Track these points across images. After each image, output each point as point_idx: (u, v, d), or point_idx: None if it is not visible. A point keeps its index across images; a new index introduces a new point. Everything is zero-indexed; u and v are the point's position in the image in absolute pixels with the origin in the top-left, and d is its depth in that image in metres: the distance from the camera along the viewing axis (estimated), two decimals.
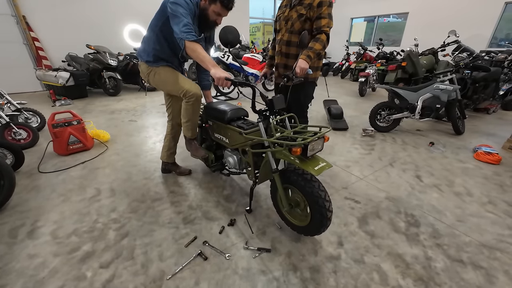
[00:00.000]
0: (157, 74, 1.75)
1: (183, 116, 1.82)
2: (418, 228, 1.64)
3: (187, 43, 1.40)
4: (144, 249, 1.46)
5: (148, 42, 1.70)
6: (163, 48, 1.68)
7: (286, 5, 1.85)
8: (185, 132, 1.89)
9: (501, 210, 1.82)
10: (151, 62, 1.72)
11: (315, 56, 1.67)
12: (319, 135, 1.27)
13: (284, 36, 1.84)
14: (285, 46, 1.86)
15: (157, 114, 4.15)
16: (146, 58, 1.72)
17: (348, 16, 9.66)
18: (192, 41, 1.40)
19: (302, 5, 1.72)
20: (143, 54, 1.74)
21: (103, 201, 1.90)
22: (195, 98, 1.70)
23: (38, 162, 2.47)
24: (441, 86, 3.06)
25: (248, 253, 1.43)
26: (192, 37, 1.40)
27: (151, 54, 1.70)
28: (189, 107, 1.75)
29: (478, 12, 6.40)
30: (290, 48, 1.85)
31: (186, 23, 1.42)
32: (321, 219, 1.32)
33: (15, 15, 5.20)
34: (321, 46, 1.67)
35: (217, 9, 1.56)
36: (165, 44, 1.67)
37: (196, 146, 1.93)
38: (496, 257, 1.42)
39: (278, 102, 1.45)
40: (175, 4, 1.43)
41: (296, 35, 1.79)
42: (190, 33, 1.40)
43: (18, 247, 1.46)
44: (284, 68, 1.94)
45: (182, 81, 1.72)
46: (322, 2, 1.66)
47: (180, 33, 1.41)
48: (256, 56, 5.43)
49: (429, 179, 2.24)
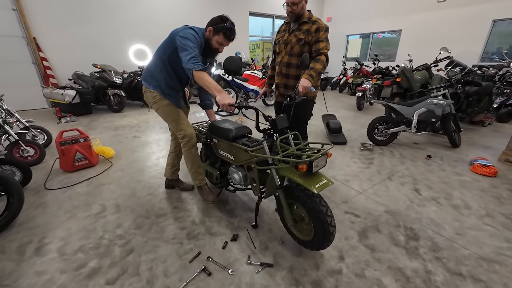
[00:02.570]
0: (160, 109, 1.89)
1: (186, 164, 2.01)
2: (418, 242, 1.67)
3: (195, 73, 1.52)
4: (149, 265, 1.49)
5: (155, 69, 1.81)
6: (169, 74, 1.80)
7: (285, 30, 2.00)
8: (194, 180, 2.04)
9: (499, 223, 1.85)
10: (157, 95, 1.83)
11: (317, 75, 1.78)
12: (323, 152, 1.35)
13: (284, 58, 1.97)
14: (285, 68, 1.99)
15: (160, 130, 4.25)
16: (153, 88, 1.83)
17: (344, 33, 10.05)
18: (199, 70, 1.52)
19: (300, 31, 1.86)
20: (151, 80, 1.84)
21: (108, 217, 1.94)
22: (190, 143, 1.89)
23: (45, 179, 2.53)
24: (435, 100, 3.18)
25: (251, 268, 1.46)
26: (199, 67, 1.52)
27: (158, 83, 1.81)
28: (188, 153, 1.92)
29: (468, 29, 6.68)
30: (289, 69, 1.97)
31: (194, 56, 1.54)
32: (323, 233, 1.37)
33: (26, 37, 5.46)
34: (321, 66, 1.79)
35: (220, 40, 1.70)
36: (171, 71, 1.80)
37: (207, 191, 2.03)
38: (495, 270, 1.44)
39: (281, 121, 1.53)
40: (184, 38, 1.57)
41: (296, 57, 1.92)
42: (197, 63, 1.53)
43: (26, 264, 1.50)
44: (285, 87, 2.05)
45: (180, 124, 1.89)
46: (320, 28, 1.80)
47: (188, 63, 1.53)
48: (256, 73, 5.62)
49: (427, 192, 2.29)
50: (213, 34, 1.69)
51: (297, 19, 1.88)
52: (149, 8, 6.74)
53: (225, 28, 1.66)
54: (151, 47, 7.03)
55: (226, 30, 1.66)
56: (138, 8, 6.60)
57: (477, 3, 6.45)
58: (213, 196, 2.01)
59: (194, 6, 7.42)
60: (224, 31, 1.67)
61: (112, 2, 6.24)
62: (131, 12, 6.54)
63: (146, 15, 6.73)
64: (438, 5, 7.14)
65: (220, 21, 1.67)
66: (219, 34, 1.68)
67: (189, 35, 1.58)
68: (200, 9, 7.51)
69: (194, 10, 7.43)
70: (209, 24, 1.71)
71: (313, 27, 1.81)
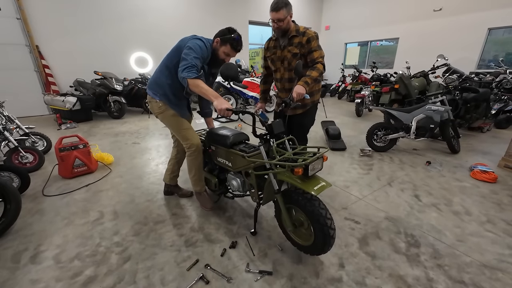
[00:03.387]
0: (166, 119, 1.91)
1: (189, 171, 2.01)
2: (419, 249, 1.65)
3: (189, 81, 1.53)
4: (146, 273, 1.46)
5: (161, 77, 1.82)
6: (175, 82, 1.79)
7: (276, 47, 2.00)
8: (194, 186, 2.06)
9: (500, 229, 1.84)
10: (163, 105, 1.84)
11: (312, 82, 1.78)
12: (319, 155, 1.35)
13: (285, 75, 2.00)
14: (288, 83, 2.02)
15: (160, 136, 4.26)
16: (159, 98, 1.83)
17: (343, 41, 10.21)
18: (193, 78, 1.53)
19: (293, 45, 1.88)
20: (157, 89, 1.84)
21: (106, 224, 1.92)
22: (196, 151, 1.90)
23: (43, 185, 2.52)
24: (433, 107, 3.20)
25: (250, 276, 1.43)
26: (193, 75, 1.53)
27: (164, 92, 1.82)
28: (192, 160, 1.93)
29: (464, 37, 6.80)
30: (292, 83, 1.97)
31: (189, 65, 1.54)
32: (324, 237, 1.36)
33: (29, 45, 5.54)
34: (317, 74, 1.80)
35: (226, 50, 1.73)
36: (178, 81, 1.79)
37: (206, 198, 2.05)
38: (498, 277, 1.42)
39: (277, 126, 1.54)
40: (190, 49, 1.59)
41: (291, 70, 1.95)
42: (191, 71, 1.53)
43: (21, 272, 1.47)
44: None
45: (185, 133, 1.90)
46: (310, 38, 1.83)
47: (182, 73, 1.54)
48: (256, 80, 5.68)
49: (428, 198, 2.28)
50: (220, 45, 1.72)
51: (285, 33, 1.89)
52: (150, 17, 6.87)
53: (232, 39, 1.69)
54: (151, 54, 7.13)
55: (233, 41, 1.70)
56: (139, 17, 6.73)
57: (472, 12, 6.59)
58: (211, 204, 2.02)
59: (195, 15, 7.57)
60: (231, 42, 1.70)
61: (114, 12, 6.36)
62: (133, 21, 6.65)
63: (147, 24, 6.85)
64: (434, 14, 7.29)
65: (228, 32, 1.71)
66: (226, 44, 1.71)
67: (195, 46, 1.60)
68: (201, 18, 7.65)
69: (195, 19, 7.57)
70: (216, 35, 1.74)
71: (304, 38, 1.84)
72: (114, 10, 6.35)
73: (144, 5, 6.74)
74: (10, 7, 5.21)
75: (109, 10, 6.30)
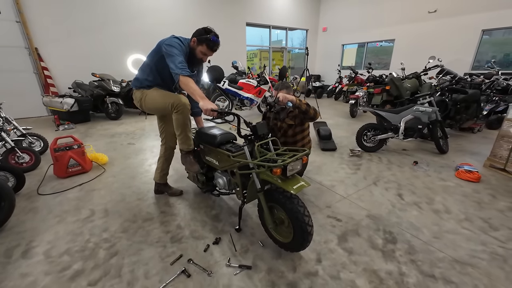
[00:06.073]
0: (148, 96, 1.94)
1: (176, 129, 1.94)
2: (395, 245, 1.71)
3: (181, 78, 1.61)
4: (131, 267, 1.53)
5: (142, 73, 1.94)
6: (156, 78, 1.90)
7: (276, 118, 2.30)
8: (181, 145, 2.00)
9: (477, 227, 1.89)
10: (143, 87, 1.93)
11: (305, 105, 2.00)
12: (297, 156, 1.42)
13: (281, 139, 2.27)
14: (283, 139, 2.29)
15: (155, 137, 4.33)
16: (140, 85, 1.94)
17: (340, 43, 10.28)
18: (186, 76, 1.61)
19: (289, 117, 2.20)
20: (137, 83, 1.97)
21: (96, 222, 1.99)
22: (182, 106, 1.82)
23: (38, 185, 2.59)
24: (421, 108, 3.26)
25: (230, 270, 1.50)
26: (186, 73, 1.61)
27: (143, 84, 1.93)
28: (179, 116, 1.86)
29: (458, 38, 6.86)
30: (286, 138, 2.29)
31: (181, 61, 1.64)
32: (302, 233, 1.43)
33: (28, 47, 5.64)
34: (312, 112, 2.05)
35: (203, 50, 1.81)
36: (157, 75, 1.91)
37: (191, 160, 2.02)
38: (467, 272, 1.48)
39: (261, 127, 1.62)
40: (170, 46, 1.68)
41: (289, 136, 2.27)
42: (184, 69, 1.62)
43: (12, 267, 1.54)
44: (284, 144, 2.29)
45: (169, 96, 1.89)
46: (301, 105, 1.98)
47: (176, 68, 1.62)
48: (251, 82, 5.75)
49: (410, 197, 2.34)
50: (197, 44, 1.80)
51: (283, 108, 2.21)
52: (147, 20, 6.97)
53: (208, 40, 1.77)
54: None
55: (209, 41, 1.77)
56: (137, 20, 6.83)
57: (466, 14, 6.65)
58: (197, 167, 1.99)
59: (192, 17, 7.66)
60: (207, 42, 1.78)
61: (111, 15, 6.47)
62: (130, 24, 6.76)
63: (144, 26, 6.95)
64: (429, 15, 7.36)
65: (204, 32, 1.78)
66: (202, 44, 1.79)
67: (174, 43, 1.69)
68: (199, 20, 7.74)
69: (193, 21, 7.66)
70: (193, 35, 1.82)
71: (296, 111, 2.07)
72: (112, 13, 6.46)
73: (142, 8, 6.84)
74: (10, 10, 5.32)
75: (107, 13, 6.40)
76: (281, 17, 9.79)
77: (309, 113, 2.01)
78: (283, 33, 10.62)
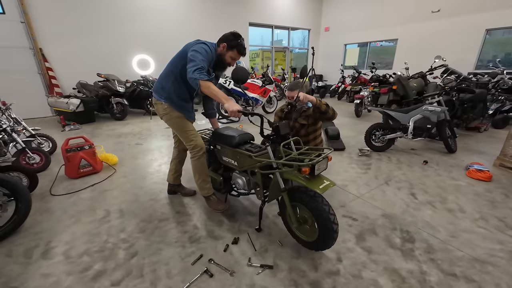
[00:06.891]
0: (170, 121, 1.96)
1: (194, 175, 2.03)
2: (413, 244, 1.71)
3: (201, 82, 1.59)
4: (152, 267, 1.54)
5: (167, 81, 1.89)
6: (180, 86, 1.87)
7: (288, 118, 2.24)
8: (201, 191, 2.06)
9: (492, 226, 1.90)
10: (168, 107, 1.90)
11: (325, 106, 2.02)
12: (324, 155, 1.43)
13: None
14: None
15: (162, 137, 4.33)
16: (164, 100, 1.90)
17: (342, 43, 10.30)
18: (206, 80, 1.60)
19: (301, 117, 2.17)
20: (162, 93, 1.91)
21: (112, 222, 2.00)
22: (200, 152, 1.92)
23: (50, 185, 2.59)
24: (430, 107, 3.27)
25: (251, 270, 1.50)
26: (205, 77, 1.60)
27: (168, 95, 1.88)
28: (196, 162, 1.96)
29: (462, 38, 6.88)
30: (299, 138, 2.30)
31: (200, 67, 1.62)
32: (327, 232, 1.44)
33: (33, 48, 5.64)
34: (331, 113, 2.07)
35: (233, 55, 1.81)
36: (182, 83, 1.87)
37: (215, 200, 2.05)
38: (488, 270, 1.49)
39: (283, 127, 1.62)
40: (196, 52, 1.66)
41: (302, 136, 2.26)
42: (202, 73, 1.60)
43: (33, 267, 1.55)
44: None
45: (190, 134, 1.94)
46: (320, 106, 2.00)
47: (194, 74, 1.60)
48: (256, 82, 5.76)
49: (423, 196, 2.34)
50: (227, 50, 1.79)
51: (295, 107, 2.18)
52: (151, 20, 6.97)
53: (239, 45, 1.78)
54: (153, 57, 7.23)
55: (240, 46, 1.78)
56: (141, 20, 6.83)
57: (470, 13, 6.67)
58: (223, 205, 2.01)
59: (195, 17, 7.66)
60: (238, 48, 1.79)
61: (116, 15, 6.47)
62: (134, 24, 6.76)
63: (148, 27, 6.95)
64: (432, 15, 7.37)
65: (234, 38, 1.78)
66: (233, 50, 1.79)
67: (201, 50, 1.67)
68: (202, 20, 7.75)
69: (196, 21, 7.67)
70: (222, 41, 1.80)
71: (310, 109, 2.06)
72: (116, 13, 6.46)
73: (146, 9, 6.84)
74: (15, 11, 5.31)
75: (112, 14, 6.40)
76: (283, 17, 9.81)
77: (328, 113, 2.01)
78: (283, 33, 10.63)
